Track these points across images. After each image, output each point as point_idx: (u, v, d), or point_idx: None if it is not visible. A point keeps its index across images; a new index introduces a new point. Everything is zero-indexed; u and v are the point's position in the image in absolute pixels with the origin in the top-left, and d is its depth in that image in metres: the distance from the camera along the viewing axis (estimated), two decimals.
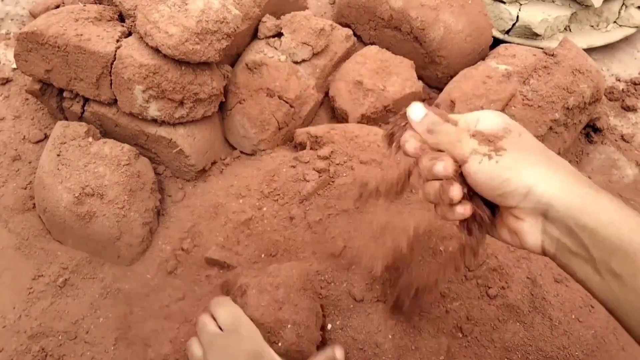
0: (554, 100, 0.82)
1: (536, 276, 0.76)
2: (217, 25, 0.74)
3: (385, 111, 0.93)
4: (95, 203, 0.74)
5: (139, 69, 0.74)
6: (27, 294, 0.73)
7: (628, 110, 1.05)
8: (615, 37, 1.16)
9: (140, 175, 0.79)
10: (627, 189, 0.90)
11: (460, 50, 0.98)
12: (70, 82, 0.81)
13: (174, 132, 0.82)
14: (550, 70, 0.84)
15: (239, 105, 0.90)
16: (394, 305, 0.69)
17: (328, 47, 0.95)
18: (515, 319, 0.73)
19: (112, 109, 0.83)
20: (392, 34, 1.03)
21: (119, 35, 0.78)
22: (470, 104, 0.84)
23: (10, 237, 0.79)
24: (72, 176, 0.74)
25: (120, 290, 0.75)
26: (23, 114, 0.95)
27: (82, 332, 0.71)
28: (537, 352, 0.70)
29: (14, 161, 0.88)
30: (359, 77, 0.92)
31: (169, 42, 0.71)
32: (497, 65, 0.89)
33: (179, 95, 0.77)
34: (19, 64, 0.82)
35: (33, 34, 0.77)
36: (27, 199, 0.83)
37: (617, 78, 1.13)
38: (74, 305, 0.73)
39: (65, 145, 0.77)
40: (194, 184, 0.87)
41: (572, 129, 0.87)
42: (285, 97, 0.88)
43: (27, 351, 0.69)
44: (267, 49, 0.91)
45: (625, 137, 0.99)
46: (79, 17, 0.79)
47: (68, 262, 0.77)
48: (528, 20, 1.10)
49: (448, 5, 0.97)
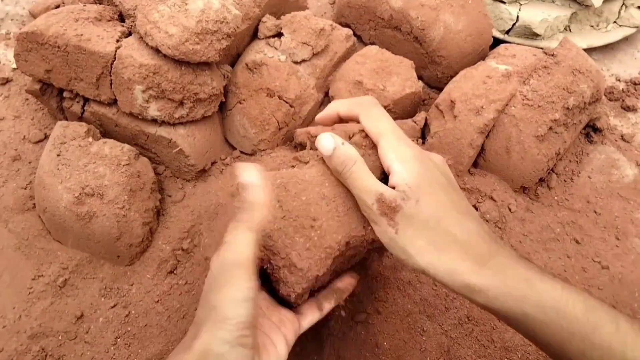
0: (554, 100, 0.82)
1: None
2: (217, 25, 0.74)
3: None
4: (95, 203, 0.74)
5: (139, 69, 0.74)
6: (27, 294, 0.74)
7: (628, 110, 1.05)
8: (615, 37, 1.16)
9: (140, 175, 0.79)
10: (627, 189, 0.90)
11: (460, 50, 0.98)
12: (70, 82, 0.81)
13: (174, 132, 0.82)
14: (550, 70, 0.84)
15: (239, 105, 0.90)
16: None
17: (328, 47, 0.95)
18: None
19: (112, 109, 0.83)
20: (392, 34, 1.03)
21: (119, 35, 0.78)
22: (470, 104, 0.84)
23: (10, 237, 0.79)
24: (72, 176, 0.74)
25: (120, 290, 0.75)
26: (23, 114, 0.95)
27: (82, 332, 0.71)
28: (537, 352, 0.70)
29: (14, 161, 0.88)
30: (359, 77, 0.92)
31: (169, 42, 0.71)
32: (497, 65, 0.89)
33: (179, 95, 0.77)
34: (19, 64, 0.82)
35: (33, 34, 0.77)
36: (27, 199, 0.83)
37: (617, 78, 1.13)
38: (74, 305, 0.73)
39: (65, 145, 0.77)
40: (194, 184, 0.88)
41: (572, 129, 0.87)
42: (285, 97, 0.88)
43: (27, 351, 0.69)
44: (267, 49, 0.91)
45: (625, 137, 0.99)
46: (79, 17, 0.79)
47: (68, 262, 0.77)
48: (528, 20, 1.10)
49: (448, 5, 0.97)
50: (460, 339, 0.71)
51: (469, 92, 0.85)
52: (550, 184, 0.89)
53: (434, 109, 0.91)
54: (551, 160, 0.85)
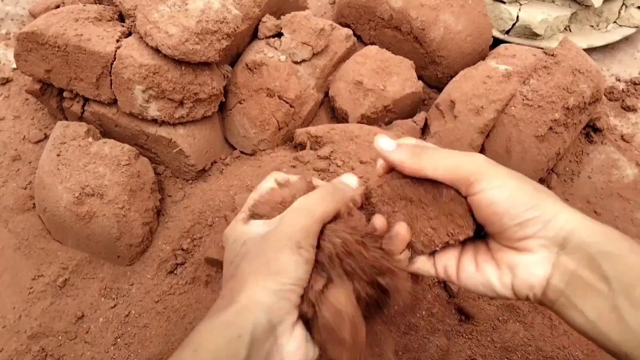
0: (554, 100, 0.82)
1: None
2: (217, 25, 0.74)
3: (385, 111, 0.93)
4: (95, 203, 0.74)
5: (139, 69, 0.74)
6: (27, 294, 0.73)
7: (628, 110, 1.05)
8: (615, 37, 1.16)
9: (140, 175, 0.79)
10: (627, 189, 0.90)
11: (460, 50, 0.98)
12: (70, 82, 0.81)
13: (174, 132, 0.82)
14: (550, 70, 0.84)
15: (239, 105, 0.90)
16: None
17: (328, 47, 0.95)
18: (515, 319, 0.73)
19: (112, 109, 0.83)
20: (392, 34, 1.03)
21: (119, 35, 0.78)
22: (470, 104, 0.84)
23: (10, 237, 0.79)
24: (72, 176, 0.74)
25: (120, 290, 0.75)
26: (23, 114, 0.95)
27: (82, 332, 0.71)
28: (537, 352, 0.70)
29: (14, 161, 0.88)
30: (359, 77, 0.92)
31: (169, 42, 0.71)
32: (497, 65, 0.89)
33: (179, 95, 0.77)
34: (19, 64, 0.82)
35: (33, 34, 0.77)
36: (27, 199, 0.83)
37: (617, 78, 1.13)
38: (74, 305, 0.73)
39: (65, 145, 0.77)
40: (194, 184, 0.87)
41: (572, 129, 0.87)
42: (285, 97, 0.88)
43: (27, 351, 0.69)
44: (267, 49, 0.91)
45: (625, 137, 0.99)
46: (79, 17, 0.79)
47: (68, 262, 0.77)
48: (528, 20, 1.10)
49: (448, 5, 0.97)
50: (461, 339, 0.71)
51: (469, 92, 0.85)
52: (550, 184, 0.89)
53: (434, 109, 0.91)
54: (551, 160, 0.85)
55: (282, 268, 0.40)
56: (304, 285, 0.41)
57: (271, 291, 0.39)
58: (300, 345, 0.41)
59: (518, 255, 0.42)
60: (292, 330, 0.40)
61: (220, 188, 0.86)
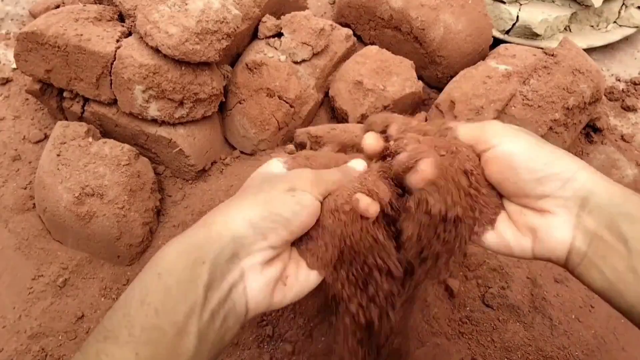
0: (554, 100, 0.82)
1: (536, 276, 0.76)
2: (217, 25, 0.74)
3: (385, 111, 0.93)
4: (95, 203, 0.74)
5: (139, 69, 0.74)
6: (27, 294, 0.73)
7: (628, 110, 1.05)
8: (615, 37, 1.16)
9: (140, 175, 0.79)
10: None
11: (460, 50, 0.98)
12: (70, 82, 0.81)
13: (174, 132, 0.82)
14: (550, 70, 0.84)
15: (239, 105, 0.90)
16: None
17: (328, 47, 0.95)
18: (515, 319, 0.73)
19: (112, 109, 0.83)
20: (392, 34, 1.03)
21: (119, 35, 0.78)
22: (470, 104, 0.84)
23: (10, 237, 0.79)
24: (72, 176, 0.74)
25: (120, 290, 0.75)
26: (23, 114, 0.95)
27: (82, 332, 0.71)
28: (537, 352, 0.70)
29: (14, 161, 0.88)
30: (359, 77, 0.92)
31: (169, 42, 0.71)
32: (497, 65, 0.89)
33: (179, 95, 0.77)
34: (19, 64, 0.82)
35: (33, 34, 0.77)
36: (27, 199, 0.83)
37: (617, 78, 1.13)
38: (74, 305, 0.73)
39: (65, 145, 0.77)
40: (194, 184, 0.87)
41: (572, 129, 0.87)
42: (285, 97, 0.88)
43: (27, 351, 0.69)
44: (267, 49, 0.91)
45: (625, 137, 0.99)
46: (79, 17, 0.79)
47: (68, 262, 0.77)
48: (528, 20, 1.10)
49: (448, 5, 0.97)
50: (461, 339, 0.71)
51: (469, 92, 0.85)
52: None
53: (434, 109, 0.91)
54: None
55: (268, 201, 0.40)
56: (291, 230, 0.41)
57: (249, 222, 0.39)
58: (266, 286, 0.40)
59: (538, 218, 0.41)
60: (261, 269, 0.39)
61: (220, 188, 0.86)
